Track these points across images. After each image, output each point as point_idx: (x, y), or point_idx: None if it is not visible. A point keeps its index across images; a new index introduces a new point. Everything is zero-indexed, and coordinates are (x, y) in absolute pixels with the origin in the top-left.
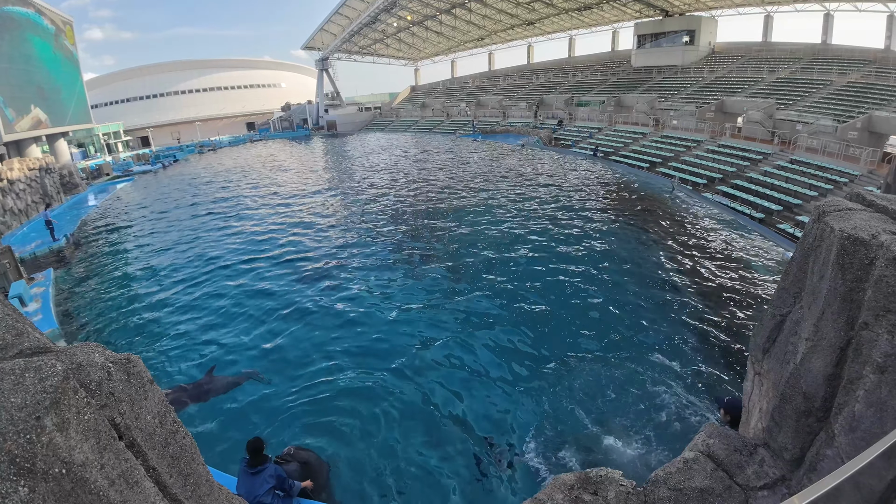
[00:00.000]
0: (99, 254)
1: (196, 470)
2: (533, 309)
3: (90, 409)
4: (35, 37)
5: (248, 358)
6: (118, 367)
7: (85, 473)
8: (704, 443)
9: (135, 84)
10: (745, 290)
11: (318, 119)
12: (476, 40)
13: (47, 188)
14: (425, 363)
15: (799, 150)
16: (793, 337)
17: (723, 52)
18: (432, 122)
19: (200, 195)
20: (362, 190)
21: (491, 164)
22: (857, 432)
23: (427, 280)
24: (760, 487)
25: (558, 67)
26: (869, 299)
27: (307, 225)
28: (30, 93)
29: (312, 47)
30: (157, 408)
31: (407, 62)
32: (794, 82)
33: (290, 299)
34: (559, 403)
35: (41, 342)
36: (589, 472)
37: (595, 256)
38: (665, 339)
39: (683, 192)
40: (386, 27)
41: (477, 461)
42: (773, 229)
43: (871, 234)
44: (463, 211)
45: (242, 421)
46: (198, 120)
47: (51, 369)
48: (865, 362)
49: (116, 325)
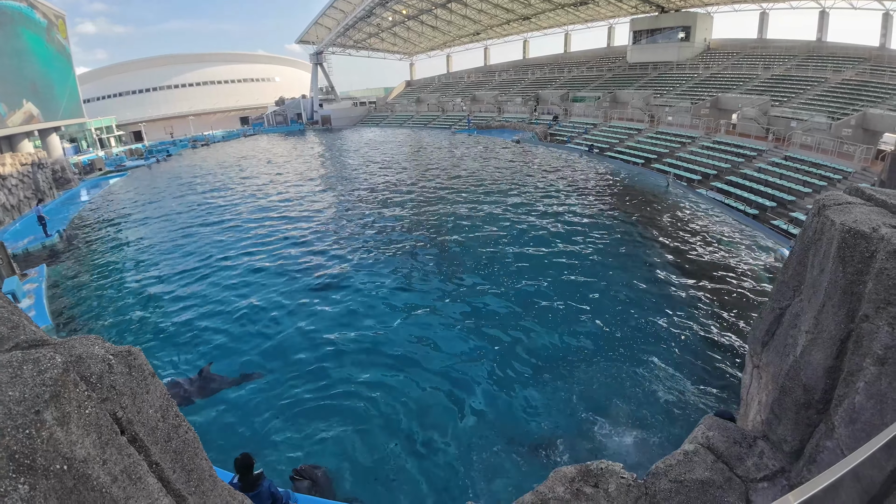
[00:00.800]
0: (92, 250)
1: (199, 465)
2: (529, 302)
3: (91, 403)
4: (27, 31)
5: (244, 353)
6: (119, 360)
7: (87, 469)
8: (704, 435)
9: (127, 78)
10: (738, 286)
11: (312, 114)
12: (472, 35)
13: (40, 183)
14: (421, 356)
15: (793, 146)
16: (792, 330)
17: (718, 49)
18: (427, 118)
19: (194, 190)
20: (358, 185)
21: (486, 160)
22: (857, 424)
23: (422, 274)
24: (760, 479)
25: (554, 63)
26: (870, 292)
27: (302, 220)
28: (22, 87)
29: (307, 41)
30: (160, 401)
31: (402, 57)
32: (789, 79)
33: (287, 294)
34: (557, 395)
35: (38, 335)
36: (590, 465)
37: (589, 252)
38: (659, 333)
39: (678, 188)
40: (381, 21)
41: (477, 453)
42: (767, 225)
43: (871, 227)
44: (458, 207)
45: (235, 421)
46: (191, 114)
47: (50, 361)
48: (866, 354)
49: (111, 320)
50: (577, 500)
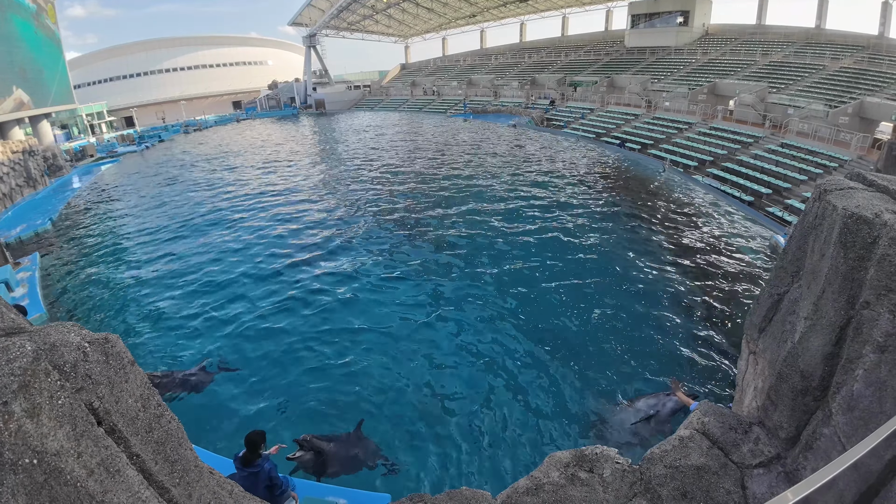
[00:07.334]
0: (85, 237)
1: (183, 455)
2: (521, 284)
3: (64, 393)
4: (16, 16)
5: (241, 345)
6: (95, 348)
7: (60, 463)
8: (700, 421)
9: (118, 63)
10: (733, 272)
11: (305, 97)
12: (468, 17)
13: (31, 171)
14: (417, 344)
15: (790, 134)
16: (790, 316)
17: (716, 34)
18: (423, 102)
19: (187, 176)
20: (352, 170)
21: (481, 145)
22: (855, 412)
23: (418, 261)
24: (756, 465)
25: (551, 46)
26: (871, 278)
27: (297, 207)
28: (11, 74)
29: (300, 23)
30: (140, 390)
31: (397, 39)
32: (787, 66)
33: (281, 282)
34: (552, 379)
35: (16, 322)
36: (584, 450)
37: (586, 238)
38: (651, 318)
39: (674, 174)
40: (375, 2)
41: (472, 440)
42: (763, 212)
43: (874, 212)
44: (453, 192)
45: (229, 412)
46: (183, 99)
47: (19, 350)
48: (866, 342)
49: (106, 308)
50: (572, 484)
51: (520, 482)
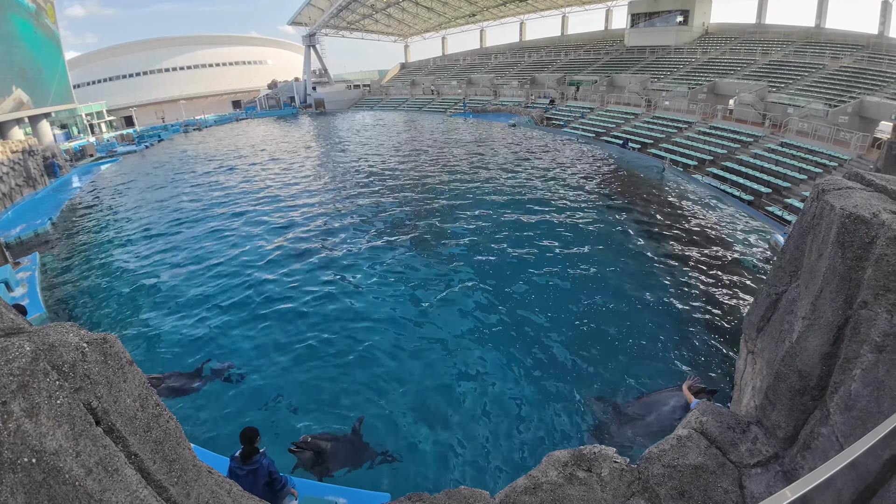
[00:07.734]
0: (85, 236)
1: (182, 455)
2: (520, 283)
3: (63, 393)
4: (15, 16)
5: (240, 345)
6: (93, 348)
7: (58, 462)
8: (698, 420)
9: (117, 62)
10: (732, 272)
11: (305, 97)
12: (468, 16)
13: (31, 171)
14: (417, 342)
15: (789, 133)
16: (788, 315)
17: (716, 33)
18: (422, 101)
19: (186, 176)
20: (352, 170)
21: (481, 144)
22: (853, 411)
23: (418, 260)
24: (754, 465)
25: (551, 46)
26: (869, 278)
27: (297, 206)
28: (11, 74)
29: (300, 23)
30: (138, 390)
31: (397, 39)
32: (787, 65)
33: (281, 282)
34: (551, 377)
35: (15, 323)
36: (583, 449)
37: (585, 237)
38: (650, 318)
39: (674, 173)
40: (375, 2)
41: (471, 439)
42: (762, 211)
43: (871, 212)
44: (453, 191)
45: (228, 412)
46: (182, 98)
47: (18, 350)
48: (863, 341)
49: (105, 308)
50: (570, 483)
51: (518, 481)
